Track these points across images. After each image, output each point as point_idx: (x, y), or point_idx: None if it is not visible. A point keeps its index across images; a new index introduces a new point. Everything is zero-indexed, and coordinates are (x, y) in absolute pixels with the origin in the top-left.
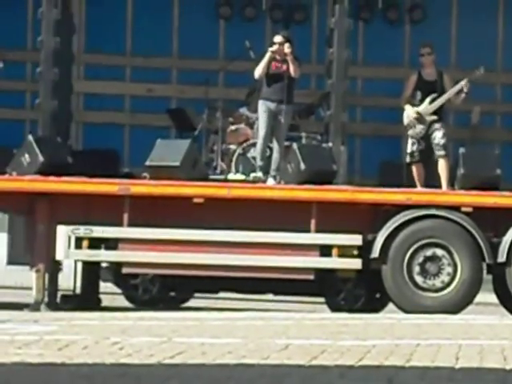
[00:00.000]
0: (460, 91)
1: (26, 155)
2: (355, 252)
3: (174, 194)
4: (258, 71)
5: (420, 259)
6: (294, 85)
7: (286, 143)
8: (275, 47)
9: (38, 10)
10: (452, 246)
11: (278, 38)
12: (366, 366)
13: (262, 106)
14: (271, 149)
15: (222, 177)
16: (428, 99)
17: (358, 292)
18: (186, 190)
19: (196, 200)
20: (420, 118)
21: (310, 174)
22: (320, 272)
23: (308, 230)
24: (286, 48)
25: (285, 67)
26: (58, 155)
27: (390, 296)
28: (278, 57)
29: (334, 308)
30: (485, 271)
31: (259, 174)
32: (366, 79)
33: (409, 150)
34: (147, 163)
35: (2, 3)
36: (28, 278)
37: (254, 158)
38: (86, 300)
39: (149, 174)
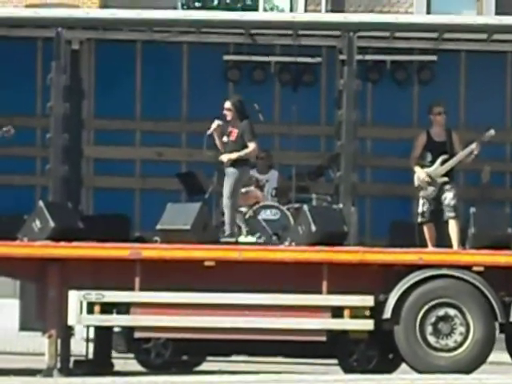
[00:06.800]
0: (470, 153)
1: (37, 221)
2: (367, 313)
3: (185, 257)
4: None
5: (432, 319)
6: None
7: (297, 205)
8: (213, 127)
9: (47, 76)
10: (464, 305)
11: (227, 104)
12: None
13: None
14: (281, 211)
15: (232, 239)
16: (439, 161)
17: (371, 353)
18: (197, 254)
19: (207, 263)
20: (431, 181)
21: (321, 236)
22: (332, 333)
23: (319, 292)
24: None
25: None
26: (69, 221)
27: (402, 356)
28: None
29: (347, 369)
30: (497, 330)
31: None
32: (376, 140)
33: (420, 210)
34: (158, 227)
35: (11, 70)
36: (40, 343)
37: (264, 221)
38: (99, 365)
39: (160, 237)
